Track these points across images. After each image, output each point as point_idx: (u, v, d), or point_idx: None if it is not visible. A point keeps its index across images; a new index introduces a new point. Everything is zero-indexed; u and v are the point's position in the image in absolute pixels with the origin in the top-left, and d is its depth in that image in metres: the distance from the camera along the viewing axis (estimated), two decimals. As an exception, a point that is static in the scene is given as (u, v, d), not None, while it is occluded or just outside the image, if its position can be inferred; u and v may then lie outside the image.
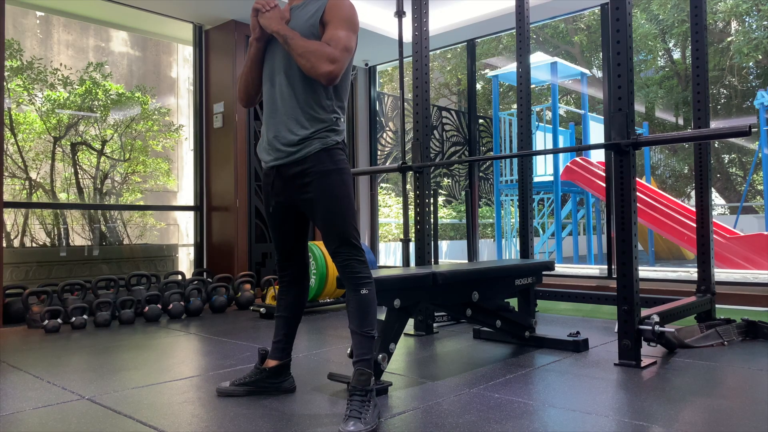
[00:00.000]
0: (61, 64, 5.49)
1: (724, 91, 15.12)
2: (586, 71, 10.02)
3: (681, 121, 15.17)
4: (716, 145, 13.65)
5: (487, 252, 11.28)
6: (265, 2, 2.05)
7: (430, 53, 3.76)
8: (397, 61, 4.39)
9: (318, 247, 4.35)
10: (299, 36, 1.97)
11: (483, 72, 14.13)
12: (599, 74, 14.61)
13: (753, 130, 2.48)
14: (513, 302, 3.19)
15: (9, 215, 4.78)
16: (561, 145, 9.07)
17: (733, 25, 13.91)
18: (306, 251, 2.29)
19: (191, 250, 5.45)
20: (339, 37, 1.96)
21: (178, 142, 6.36)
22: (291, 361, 2.28)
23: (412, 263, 3.74)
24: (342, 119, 2.12)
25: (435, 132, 10.12)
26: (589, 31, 15.58)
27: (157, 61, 6.69)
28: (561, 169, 8.64)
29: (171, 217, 6.47)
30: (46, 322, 3.59)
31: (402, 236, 3.90)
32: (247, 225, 5.04)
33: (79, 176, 5.30)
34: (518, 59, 4.01)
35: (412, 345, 3.18)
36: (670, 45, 15.43)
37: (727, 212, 14.64)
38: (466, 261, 4.85)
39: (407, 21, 3.89)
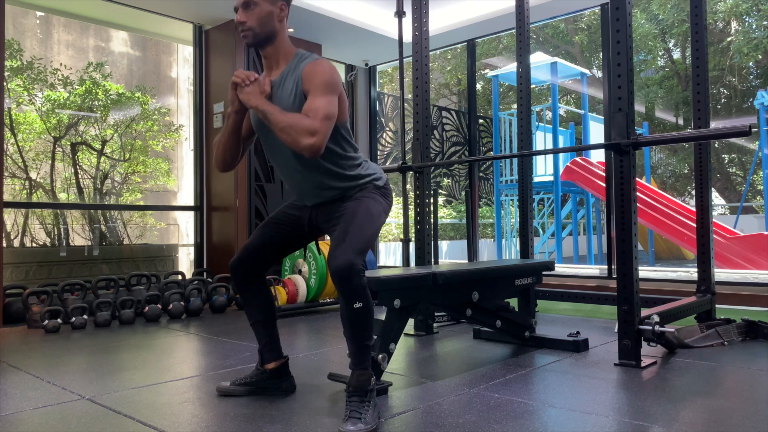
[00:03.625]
0: (61, 64, 5.49)
1: (724, 91, 15.13)
2: (586, 71, 10.02)
3: (681, 121, 15.17)
4: (716, 145, 13.65)
5: (487, 252, 11.28)
6: (244, 77, 1.99)
7: (430, 53, 3.76)
8: (397, 61, 4.39)
9: (318, 248, 4.35)
10: (279, 110, 1.93)
11: (483, 72, 14.13)
12: (599, 74, 14.61)
13: (753, 130, 2.48)
14: (513, 302, 3.19)
15: (9, 215, 4.77)
16: (561, 145, 9.07)
17: (733, 25, 13.91)
18: (272, 265, 2.26)
19: (191, 250, 5.45)
20: (317, 106, 1.92)
21: (178, 142, 6.36)
22: (288, 359, 2.27)
23: (412, 263, 3.74)
24: (366, 162, 2.16)
25: (435, 132, 10.12)
26: (589, 31, 15.58)
27: (157, 61, 6.69)
28: (561, 169, 8.64)
29: (171, 217, 6.48)
30: (46, 322, 3.59)
31: (402, 236, 3.90)
32: (247, 225, 5.04)
33: (79, 176, 5.30)
34: (518, 59, 4.01)
35: (412, 345, 3.18)
36: (670, 45, 15.44)
37: (727, 212, 14.64)
38: (466, 261, 4.85)
39: (407, 21, 3.89)
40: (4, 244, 4.23)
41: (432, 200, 3.85)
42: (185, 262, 5.84)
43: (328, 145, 2.01)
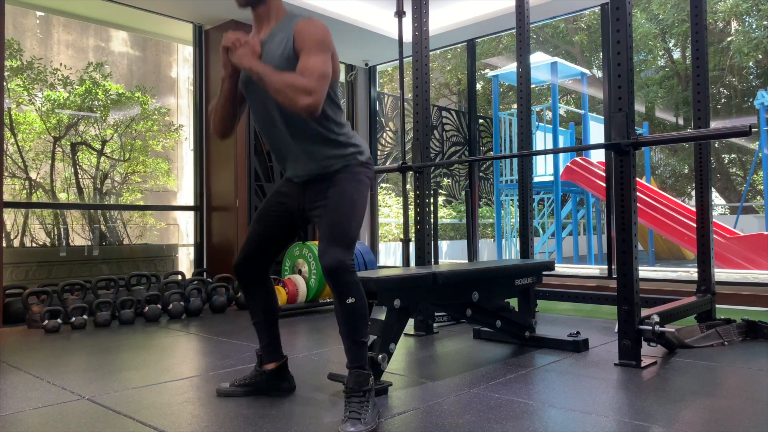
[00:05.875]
0: (61, 64, 5.49)
1: (724, 91, 15.12)
2: (586, 71, 10.02)
3: (681, 121, 15.17)
4: (716, 145, 13.65)
5: (487, 252, 11.28)
6: (235, 39, 1.97)
7: (430, 53, 3.76)
8: (397, 61, 4.39)
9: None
10: (272, 71, 1.91)
11: (483, 72, 14.13)
12: (599, 74, 14.60)
13: (753, 130, 2.48)
14: (513, 302, 3.19)
15: (9, 215, 4.77)
16: (561, 145, 9.07)
17: (733, 25, 13.91)
18: (274, 260, 2.26)
19: (191, 250, 5.45)
20: (312, 65, 1.90)
21: (178, 142, 6.36)
22: (288, 360, 2.28)
23: (412, 263, 3.74)
24: (351, 134, 2.13)
25: (435, 132, 10.12)
26: (589, 31, 15.58)
27: (157, 61, 6.69)
28: (561, 169, 8.64)
29: (171, 217, 6.47)
30: (46, 322, 3.59)
31: (402, 236, 3.90)
32: (247, 225, 5.04)
33: (79, 176, 5.30)
34: (518, 59, 4.01)
35: (412, 345, 3.18)
36: (670, 45, 15.43)
37: (727, 212, 14.64)
38: (466, 261, 4.85)
39: (407, 21, 3.89)
40: (4, 244, 4.23)
41: (432, 200, 3.85)
42: (185, 262, 5.84)
43: None
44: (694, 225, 3.50)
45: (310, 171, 2.08)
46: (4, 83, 4.03)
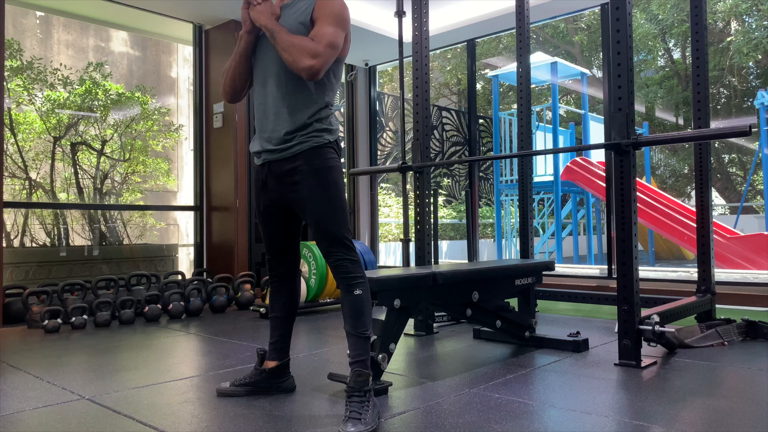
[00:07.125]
0: (61, 64, 5.49)
1: (724, 91, 15.12)
2: (586, 71, 10.01)
3: (681, 121, 15.17)
4: (716, 145, 13.65)
5: (487, 252, 11.28)
6: None
7: (430, 53, 3.76)
8: (397, 61, 4.39)
9: (318, 247, 4.34)
10: (286, 31, 1.99)
11: (483, 72, 14.13)
12: (599, 74, 14.60)
13: (753, 130, 2.48)
14: (513, 302, 3.19)
15: (9, 215, 4.77)
16: (561, 145, 9.07)
17: (733, 25, 13.91)
18: (297, 250, 2.29)
19: (191, 250, 5.45)
20: (324, 33, 1.97)
21: (178, 142, 6.36)
22: (290, 361, 2.28)
23: (412, 263, 3.74)
24: (333, 117, 2.13)
25: (435, 132, 10.13)
26: (589, 31, 15.58)
27: (157, 61, 6.69)
28: (561, 169, 8.64)
29: (171, 217, 6.47)
30: (46, 322, 3.59)
31: (402, 236, 3.90)
32: (247, 225, 5.04)
33: (79, 176, 5.30)
34: (518, 59, 4.01)
35: (412, 345, 3.18)
36: (670, 45, 15.43)
37: (727, 212, 14.63)
38: (466, 261, 4.85)
39: (407, 21, 3.89)
40: (4, 244, 4.23)
41: (432, 200, 3.85)
42: (185, 262, 5.84)
43: None
44: (694, 225, 3.50)
45: (279, 145, 2.04)
46: (4, 83, 4.03)
